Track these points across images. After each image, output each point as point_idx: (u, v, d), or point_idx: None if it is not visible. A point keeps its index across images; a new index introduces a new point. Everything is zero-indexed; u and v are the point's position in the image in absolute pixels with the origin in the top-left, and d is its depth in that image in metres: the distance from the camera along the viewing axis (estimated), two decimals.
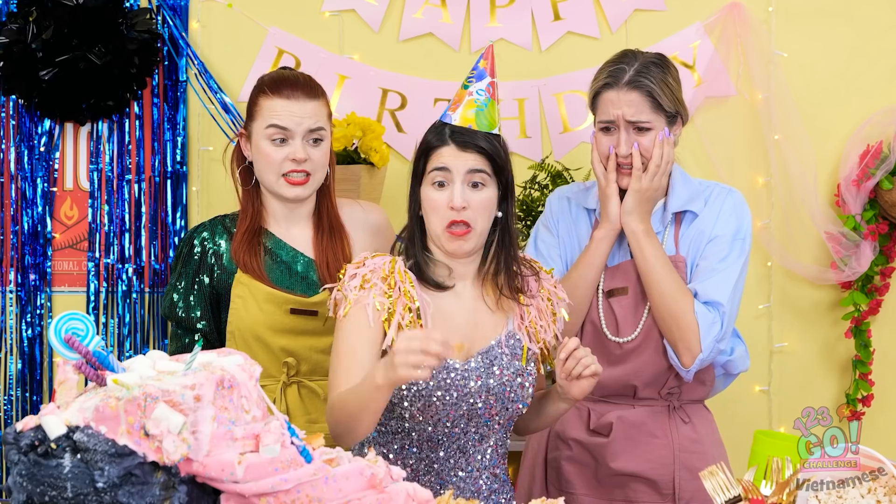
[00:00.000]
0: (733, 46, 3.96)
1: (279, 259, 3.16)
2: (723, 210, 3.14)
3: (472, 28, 3.99)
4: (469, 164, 2.70)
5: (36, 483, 1.88)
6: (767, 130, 3.95)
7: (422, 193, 2.74)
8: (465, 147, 2.70)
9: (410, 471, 2.75)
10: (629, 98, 3.06)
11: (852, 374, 4.04)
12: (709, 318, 3.04)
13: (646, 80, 3.04)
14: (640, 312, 3.12)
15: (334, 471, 1.99)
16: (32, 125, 4.02)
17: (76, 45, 3.88)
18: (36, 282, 4.04)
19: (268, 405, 2.04)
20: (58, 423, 1.91)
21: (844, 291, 4.01)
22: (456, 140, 2.71)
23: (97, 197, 4.03)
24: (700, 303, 3.05)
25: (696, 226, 3.13)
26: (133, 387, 1.92)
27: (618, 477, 3.14)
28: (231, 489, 1.93)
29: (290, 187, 3.11)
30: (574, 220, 3.24)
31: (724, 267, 3.08)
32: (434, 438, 2.74)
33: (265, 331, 3.11)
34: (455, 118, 2.74)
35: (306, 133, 3.10)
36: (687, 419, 3.16)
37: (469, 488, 2.77)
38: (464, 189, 2.69)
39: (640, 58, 3.09)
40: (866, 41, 4.00)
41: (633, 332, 3.13)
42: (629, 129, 3.07)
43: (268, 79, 3.18)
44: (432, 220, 2.72)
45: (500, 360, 2.75)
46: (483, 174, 2.70)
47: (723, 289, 3.06)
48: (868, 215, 3.94)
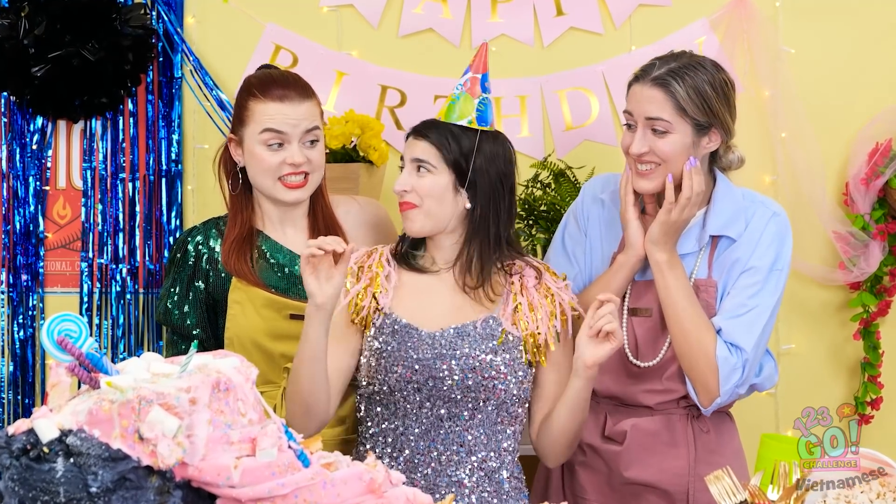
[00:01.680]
0: (739, 42, 3.93)
1: (276, 262, 3.13)
2: (763, 238, 3.06)
3: (473, 24, 3.97)
4: (415, 152, 2.89)
5: (28, 488, 1.87)
6: (774, 128, 3.92)
7: None
8: (416, 135, 2.91)
9: (409, 464, 2.83)
10: (650, 94, 2.99)
11: (861, 376, 4.01)
12: (730, 363, 2.99)
13: (673, 81, 2.97)
14: (661, 338, 3.07)
15: (332, 475, 1.99)
16: (24, 123, 4.00)
17: (69, 41, 3.85)
18: (28, 282, 4.02)
19: (264, 408, 2.03)
20: (50, 426, 1.90)
21: (853, 292, 3.98)
22: (416, 130, 2.92)
23: (90, 196, 4.01)
24: (723, 341, 3.00)
25: (733, 252, 3.07)
26: (127, 390, 1.91)
27: (630, 486, 3.10)
28: (227, 494, 1.92)
29: (289, 191, 3.09)
30: (608, 224, 3.17)
31: (756, 304, 3.03)
32: (406, 410, 2.83)
33: (264, 337, 3.09)
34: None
35: (303, 135, 3.08)
36: (707, 428, 3.12)
37: (442, 475, 2.83)
38: (410, 174, 2.89)
39: (682, 59, 3.02)
40: (875, 37, 3.98)
41: (653, 357, 3.08)
42: (647, 127, 3.00)
43: (255, 81, 3.15)
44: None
45: (473, 337, 2.84)
46: (425, 163, 2.88)
47: (750, 332, 3.01)
48: (877, 215, 3.92)
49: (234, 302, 3.10)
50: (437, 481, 2.83)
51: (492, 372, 2.83)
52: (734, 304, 3.03)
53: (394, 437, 2.85)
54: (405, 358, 2.82)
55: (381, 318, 2.87)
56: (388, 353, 2.83)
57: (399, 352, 2.83)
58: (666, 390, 3.08)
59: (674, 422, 3.10)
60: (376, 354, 2.85)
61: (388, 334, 2.85)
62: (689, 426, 3.11)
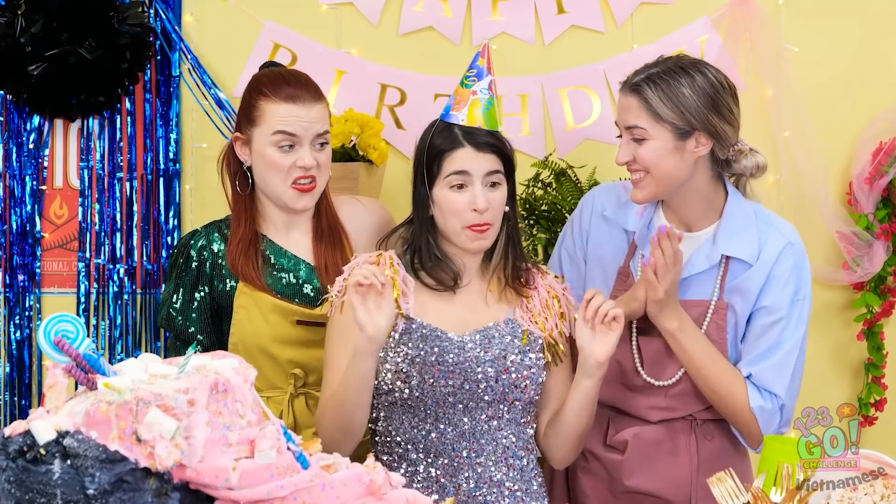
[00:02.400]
0: (742, 41, 3.93)
1: (280, 267, 3.11)
2: (779, 273, 3.01)
3: (474, 22, 3.97)
4: (487, 165, 2.81)
5: (25, 490, 1.88)
6: (777, 127, 3.91)
7: (436, 195, 2.84)
8: (481, 148, 2.81)
9: (448, 468, 2.82)
10: (627, 102, 2.97)
11: (864, 377, 4.00)
12: (766, 412, 2.99)
13: (646, 87, 2.93)
14: (670, 356, 3.04)
15: (332, 477, 1.99)
16: (21, 121, 3.99)
17: (66, 40, 3.84)
18: (25, 283, 4.01)
19: (263, 410, 2.04)
20: (47, 428, 1.91)
21: (856, 293, 3.97)
22: (471, 141, 2.81)
23: (88, 195, 4.00)
24: (755, 387, 2.99)
25: (747, 280, 3.02)
26: (125, 391, 1.91)
27: (631, 495, 3.08)
28: (225, 496, 1.92)
29: (299, 197, 3.06)
30: (612, 240, 3.14)
31: (782, 341, 3.00)
32: (438, 415, 2.81)
33: (271, 343, 3.07)
34: (461, 118, 2.84)
35: (314, 138, 3.05)
36: (710, 436, 3.09)
37: (484, 478, 2.82)
38: (484, 190, 2.80)
39: (666, 63, 2.98)
40: (878, 35, 3.97)
41: (667, 377, 3.05)
42: (629, 136, 2.97)
43: (266, 79, 3.11)
44: (450, 221, 2.83)
45: (499, 339, 2.84)
46: (499, 174, 2.83)
47: (781, 375, 2.99)
48: (881, 214, 3.91)
49: (239, 307, 3.08)
50: (479, 484, 2.82)
51: (522, 371, 2.83)
52: (760, 346, 3.01)
53: (426, 444, 2.82)
54: (442, 363, 2.80)
55: (404, 324, 2.83)
56: (422, 358, 2.80)
57: (433, 357, 2.80)
58: (669, 408, 3.07)
59: (676, 431, 3.08)
60: (407, 361, 2.81)
61: (417, 340, 2.82)
62: (692, 435, 3.09)
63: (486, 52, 2.89)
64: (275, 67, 3.28)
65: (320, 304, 3.07)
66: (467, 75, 2.89)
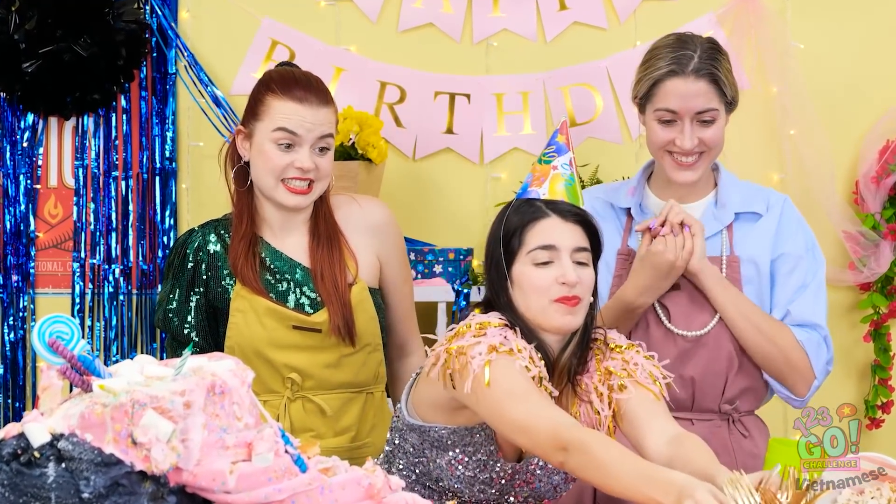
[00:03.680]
0: (747, 38, 3.92)
1: (276, 270, 3.08)
2: (789, 221, 3.07)
3: (475, 18, 3.96)
4: (574, 239, 2.58)
5: (19, 493, 1.85)
6: (782, 125, 3.92)
7: (515, 274, 2.58)
8: (567, 217, 2.59)
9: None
10: (697, 87, 2.94)
11: (871, 379, 4.00)
12: (814, 342, 3.01)
13: (713, 68, 2.95)
14: (697, 306, 3.01)
15: (330, 480, 1.95)
16: (15, 120, 4.00)
17: (61, 36, 3.85)
18: (19, 283, 4.01)
19: (261, 412, 2.00)
20: (41, 430, 1.88)
21: (863, 293, 3.98)
22: (556, 210, 2.59)
23: (83, 194, 4.01)
24: (796, 326, 3.00)
25: (759, 228, 3.05)
26: (120, 393, 1.88)
27: None
28: (223, 500, 1.89)
29: (290, 195, 3.02)
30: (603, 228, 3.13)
31: (811, 280, 3.03)
32: None
33: (267, 346, 3.04)
34: (542, 192, 2.63)
35: (315, 140, 3.02)
36: (746, 433, 3.07)
37: None
38: (575, 268, 2.56)
39: (700, 42, 2.99)
40: (885, 32, 3.96)
41: (700, 327, 3.02)
42: (694, 121, 2.96)
43: (276, 76, 3.10)
44: (533, 298, 2.56)
45: None
46: (587, 253, 2.59)
47: (818, 309, 3.02)
48: (888, 214, 3.91)
49: (236, 310, 3.05)
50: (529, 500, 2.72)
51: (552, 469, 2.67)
52: (791, 285, 3.04)
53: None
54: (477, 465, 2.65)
55: None
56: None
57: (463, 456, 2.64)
58: (711, 362, 3.03)
59: (715, 429, 3.05)
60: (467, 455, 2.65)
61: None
62: (729, 432, 3.07)
63: (565, 130, 2.73)
64: (289, 67, 3.27)
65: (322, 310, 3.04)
66: (546, 152, 2.73)
